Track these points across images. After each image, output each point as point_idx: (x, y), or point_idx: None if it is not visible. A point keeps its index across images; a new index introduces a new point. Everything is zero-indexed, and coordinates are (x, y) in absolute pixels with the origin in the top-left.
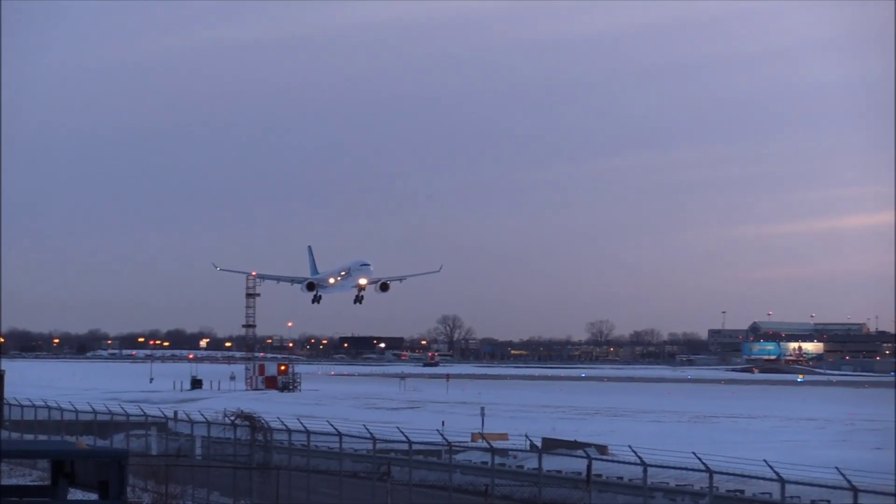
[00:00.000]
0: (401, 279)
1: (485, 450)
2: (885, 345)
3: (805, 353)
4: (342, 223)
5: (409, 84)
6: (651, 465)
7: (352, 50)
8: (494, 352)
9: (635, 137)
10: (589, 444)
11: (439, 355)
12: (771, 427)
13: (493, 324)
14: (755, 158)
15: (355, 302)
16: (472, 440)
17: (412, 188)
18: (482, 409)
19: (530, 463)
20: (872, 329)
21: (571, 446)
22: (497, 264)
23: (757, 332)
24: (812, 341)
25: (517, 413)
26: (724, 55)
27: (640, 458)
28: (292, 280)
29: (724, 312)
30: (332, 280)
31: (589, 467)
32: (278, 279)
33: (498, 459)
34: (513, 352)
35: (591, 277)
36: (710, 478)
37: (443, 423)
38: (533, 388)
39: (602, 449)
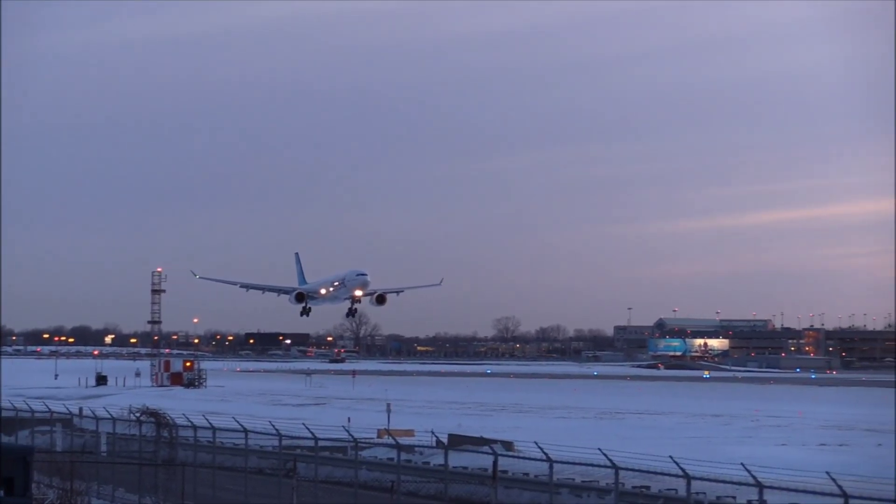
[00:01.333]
0: (398, 292)
1: (391, 446)
2: (790, 341)
3: (710, 350)
4: (263, 218)
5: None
6: (557, 462)
7: (275, 43)
8: (401, 348)
9: (545, 132)
10: (495, 441)
11: (345, 351)
12: (677, 423)
13: (400, 320)
14: (664, 155)
15: (348, 315)
16: (379, 437)
17: (326, 182)
18: (388, 405)
19: (436, 459)
20: (777, 325)
21: (477, 443)
22: (403, 260)
23: (663, 329)
24: (717, 338)
25: (423, 409)
26: (623, 52)
27: (545, 454)
28: (279, 290)
29: (630, 309)
30: (323, 291)
31: (495, 464)
32: (264, 289)
33: (404, 456)
34: (419, 348)
35: (498, 274)
36: (616, 474)
37: (349, 419)
38: (439, 384)
39: (508, 445)
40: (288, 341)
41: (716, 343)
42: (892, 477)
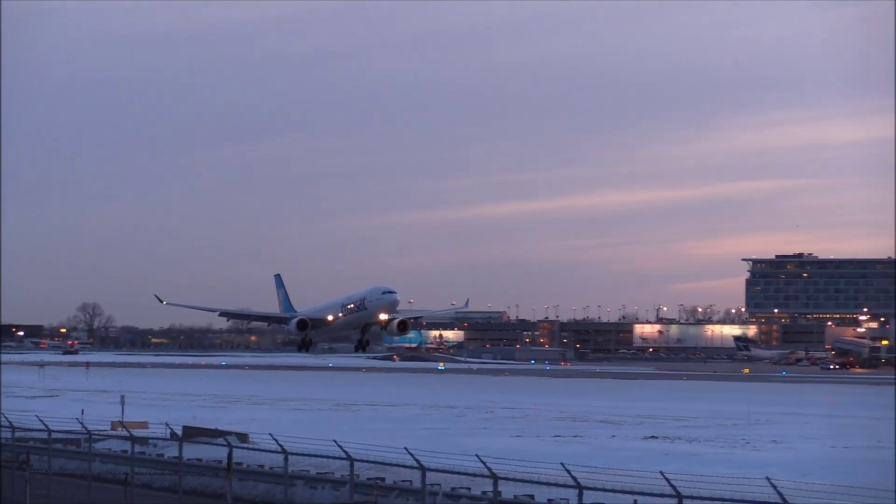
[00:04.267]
0: (418, 317)
1: (125, 438)
2: (524, 332)
3: (446, 341)
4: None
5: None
6: (292, 454)
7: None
8: (135, 340)
9: (279, 123)
10: (230, 433)
11: (79, 343)
12: (412, 415)
13: (134, 312)
14: (399, 146)
15: (358, 349)
16: (112, 429)
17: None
18: (122, 397)
19: (171, 451)
20: (512, 317)
21: (212, 434)
22: (137, 251)
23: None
24: (453, 329)
25: (158, 401)
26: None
27: (280, 446)
28: (268, 319)
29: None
30: (330, 317)
31: (230, 456)
32: (250, 318)
33: (138, 448)
34: (153, 340)
35: (235, 266)
36: (351, 465)
37: (82, 411)
38: (174, 376)
39: (243, 437)
40: (21, 333)
41: (451, 334)
42: (615, 468)
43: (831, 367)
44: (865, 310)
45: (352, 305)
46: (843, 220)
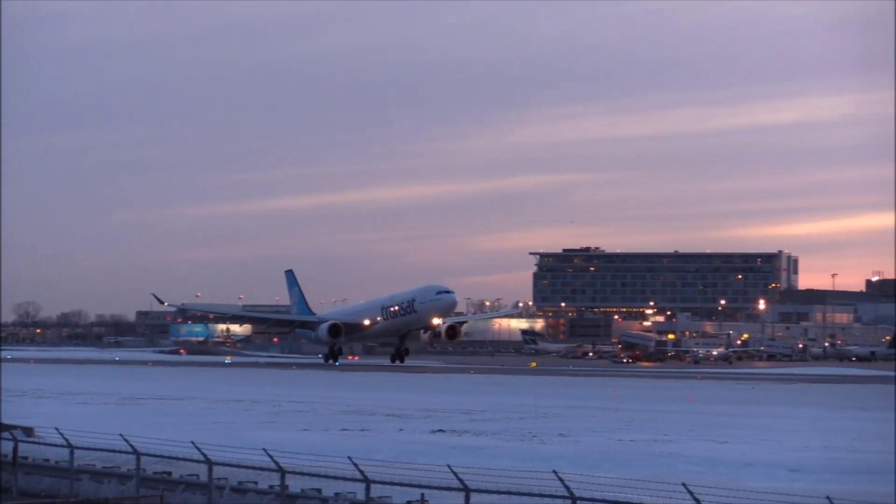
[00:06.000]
0: (462, 322)
1: None
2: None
3: (233, 335)
4: None
5: None
6: (78, 448)
7: None
8: None
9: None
10: (15, 427)
11: None
12: (199, 408)
13: None
14: (184, 138)
15: (395, 359)
16: None
17: None
18: None
19: None
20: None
21: None
22: None
23: (185, 314)
24: (240, 323)
25: None
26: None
27: (66, 440)
28: (290, 324)
29: (152, 294)
30: (367, 321)
31: (15, 450)
32: (266, 321)
33: None
34: None
35: (17, 258)
36: (138, 460)
37: None
38: None
39: (28, 431)
40: None
41: (238, 328)
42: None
43: (625, 360)
44: (651, 304)
45: (395, 308)
46: (630, 215)
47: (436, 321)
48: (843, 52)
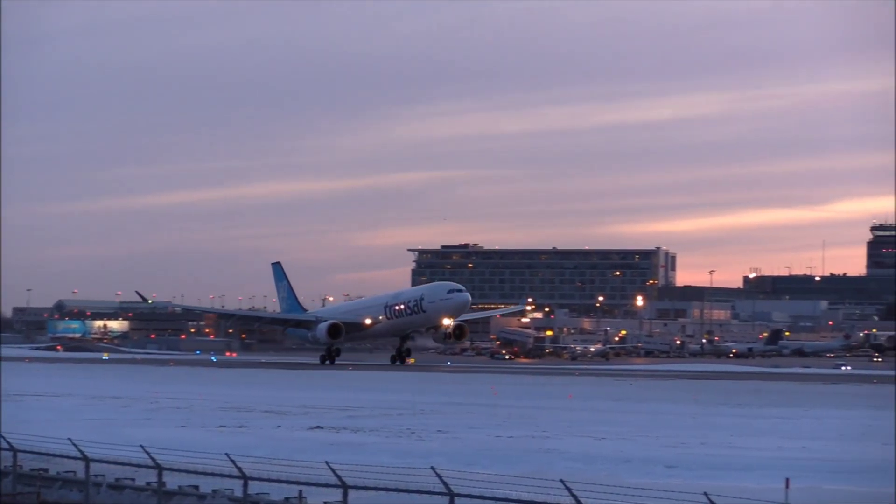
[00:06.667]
0: (478, 320)
1: None
2: (190, 322)
3: (110, 331)
4: None
5: None
6: None
7: None
8: None
9: None
10: None
11: None
12: (76, 405)
13: None
14: (63, 135)
15: (396, 359)
16: None
17: None
18: None
19: None
20: (178, 309)
21: None
22: None
23: (62, 310)
24: (118, 319)
25: None
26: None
27: None
28: (284, 322)
29: (29, 290)
30: (368, 320)
31: None
32: (259, 320)
33: None
34: None
35: None
36: (14, 457)
37: None
38: None
39: None
40: None
41: (115, 324)
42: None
43: (507, 357)
44: (530, 300)
45: (401, 306)
46: (509, 212)
47: (446, 322)
48: (715, 51)
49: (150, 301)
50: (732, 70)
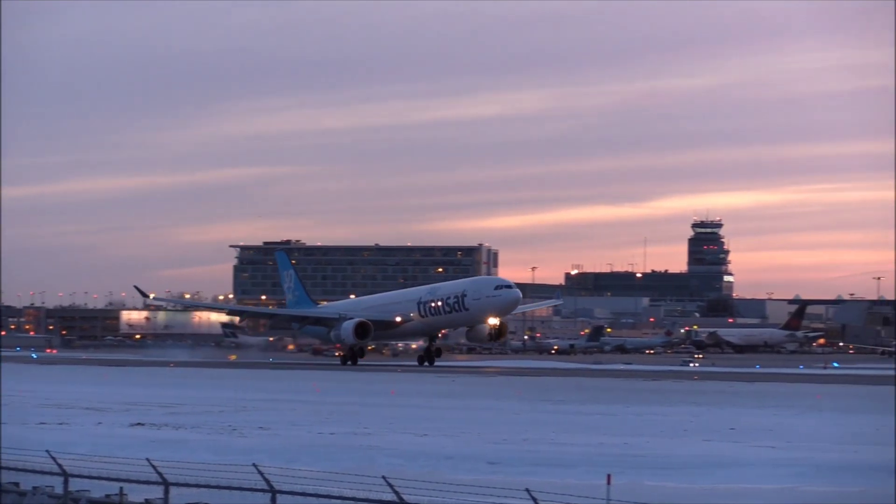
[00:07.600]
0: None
1: None
2: (10, 319)
3: None
4: None
5: None
6: None
7: None
8: None
9: None
10: None
11: None
12: None
13: None
14: None
15: (424, 360)
16: None
17: None
18: None
19: None
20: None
21: None
22: None
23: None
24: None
25: None
26: None
27: None
28: (303, 320)
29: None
30: (398, 318)
31: None
32: (267, 316)
33: None
34: None
35: None
36: None
37: None
38: None
39: None
40: None
41: None
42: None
43: (336, 353)
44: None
45: (438, 303)
46: (333, 207)
47: (492, 321)
48: (540, 47)
49: (150, 297)
50: (553, 67)
